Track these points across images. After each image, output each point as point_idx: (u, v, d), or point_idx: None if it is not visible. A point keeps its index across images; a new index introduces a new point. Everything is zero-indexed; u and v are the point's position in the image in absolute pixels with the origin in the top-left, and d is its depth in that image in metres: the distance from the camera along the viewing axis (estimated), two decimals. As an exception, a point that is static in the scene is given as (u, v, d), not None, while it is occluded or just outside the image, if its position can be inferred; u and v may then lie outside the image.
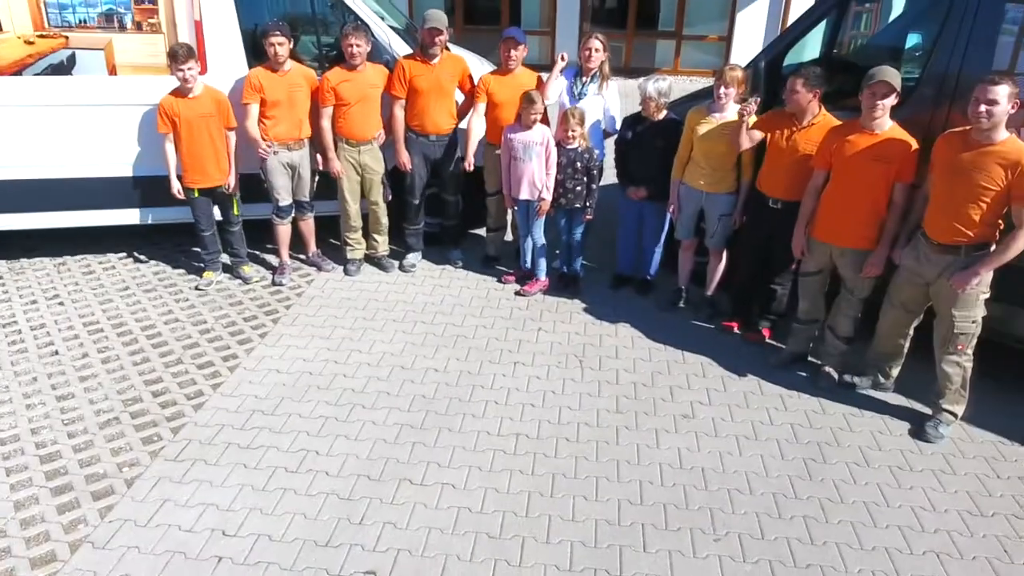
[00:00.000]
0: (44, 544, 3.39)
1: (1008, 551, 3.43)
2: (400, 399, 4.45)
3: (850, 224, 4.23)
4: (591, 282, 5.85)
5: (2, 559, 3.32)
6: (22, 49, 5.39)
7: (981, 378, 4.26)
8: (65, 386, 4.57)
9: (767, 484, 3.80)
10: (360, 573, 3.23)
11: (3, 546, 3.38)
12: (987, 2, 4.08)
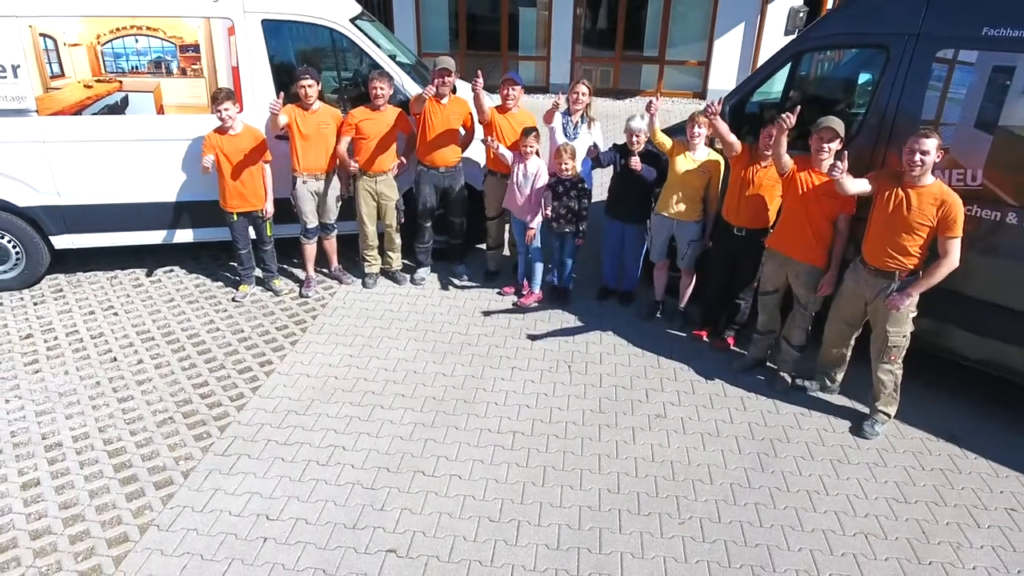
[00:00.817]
0: (117, 527, 3.76)
1: (925, 532, 3.80)
2: (414, 400, 4.81)
3: (800, 241, 4.58)
4: (579, 294, 6.19)
5: (82, 539, 3.68)
6: (82, 92, 5.73)
7: (913, 382, 4.63)
8: (124, 389, 4.93)
9: (725, 475, 4.17)
10: (382, 551, 3.60)
11: (82, 528, 3.75)
12: (917, 60, 4.41)
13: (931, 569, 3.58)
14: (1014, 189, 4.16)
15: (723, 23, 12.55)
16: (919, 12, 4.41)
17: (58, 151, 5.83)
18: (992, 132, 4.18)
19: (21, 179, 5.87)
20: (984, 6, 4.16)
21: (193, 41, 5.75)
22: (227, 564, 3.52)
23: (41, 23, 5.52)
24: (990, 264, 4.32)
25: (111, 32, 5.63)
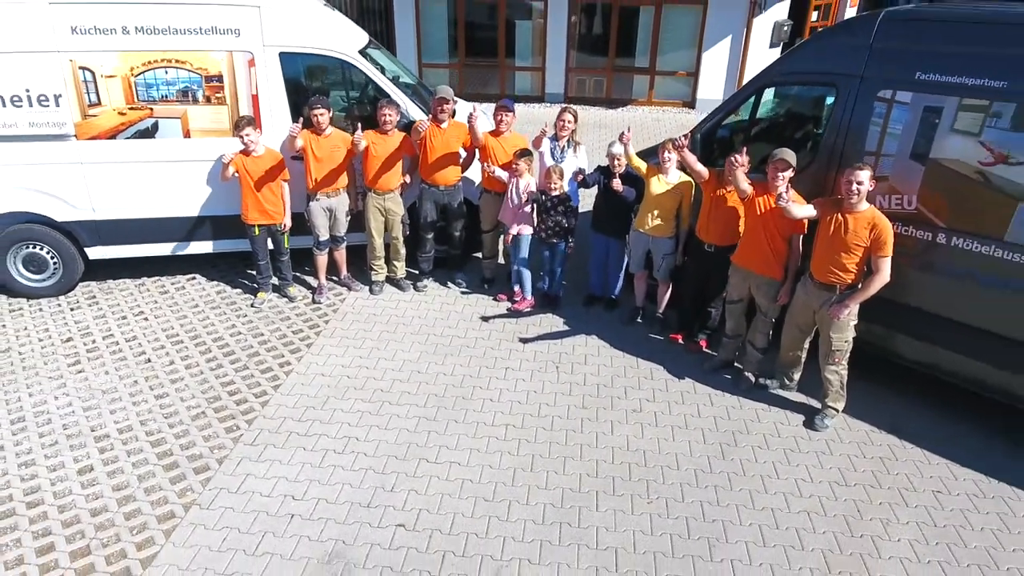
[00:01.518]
0: (164, 505, 4.40)
1: (860, 511, 4.44)
2: (418, 397, 5.45)
3: (760, 257, 5.20)
4: (568, 301, 6.82)
5: (135, 516, 4.32)
6: (116, 119, 6.36)
7: (862, 381, 5.27)
8: (160, 387, 5.57)
9: (690, 462, 4.81)
10: (393, 526, 4.24)
11: (135, 507, 4.39)
12: (861, 99, 5.05)
13: (862, 541, 4.22)
14: (943, 213, 4.79)
15: (711, 36, 13.17)
16: (863, 56, 5.04)
17: (94, 171, 6.45)
18: (924, 163, 4.82)
19: (60, 197, 6.50)
20: (917, 53, 4.80)
21: (217, 72, 6.38)
22: (260, 536, 4.17)
23: (81, 57, 6.14)
24: (925, 277, 4.95)
25: (143, 65, 6.26)
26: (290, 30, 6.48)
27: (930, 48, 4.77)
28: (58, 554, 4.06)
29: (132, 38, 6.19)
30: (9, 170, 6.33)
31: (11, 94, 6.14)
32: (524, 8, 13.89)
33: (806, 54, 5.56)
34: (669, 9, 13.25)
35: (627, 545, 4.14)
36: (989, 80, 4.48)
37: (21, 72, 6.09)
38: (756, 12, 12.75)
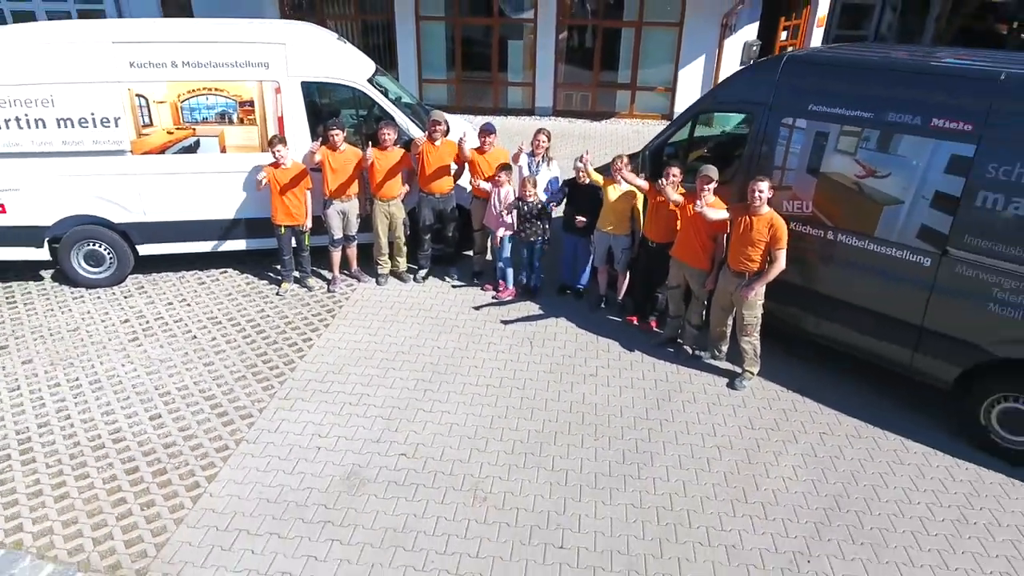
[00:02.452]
0: (218, 441, 5.77)
1: (759, 446, 5.80)
2: (416, 365, 6.81)
3: (691, 252, 6.57)
4: (544, 290, 8.18)
5: (197, 449, 5.68)
6: (165, 137, 7.75)
7: (775, 351, 6.63)
8: (206, 357, 6.94)
9: (631, 412, 6.17)
10: (396, 455, 5.61)
11: (197, 442, 5.75)
12: (770, 124, 6.41)
13: (756, 466, 5.58)
14: (832, 215, 6.16)
15: (686, 55, 14.57)
16: (771, 90, 6.42)
17: (146, 181, 7.85)
18: (817, 176, 6.19)
19: (117, 202, 7.89)
20: (809, 89, 6.18)
21: (249, 98, 7.78)
22: (295, 461, 5.53)
23: (137, 86, 7.54)
24: (820, 266, 6.32)
25: (188, 92, 7.66)
26: (310, 63, 7.88)
27: (819, 85, 6.15)
28: (143, 473, 5.43)
29: (179, 71, 7.58)
30: (76, 180, 7.72)
31: (79, 116, 7.55)
32: (516, 29, 15.31)
33: (730, 87, 6.96)
34: (648, 30, 14.67)
35: (575, 468, 5.51)
36: (860, 112, 5.85)
37: (88, 99, 7.49)
38: (727, 34, 14.15)
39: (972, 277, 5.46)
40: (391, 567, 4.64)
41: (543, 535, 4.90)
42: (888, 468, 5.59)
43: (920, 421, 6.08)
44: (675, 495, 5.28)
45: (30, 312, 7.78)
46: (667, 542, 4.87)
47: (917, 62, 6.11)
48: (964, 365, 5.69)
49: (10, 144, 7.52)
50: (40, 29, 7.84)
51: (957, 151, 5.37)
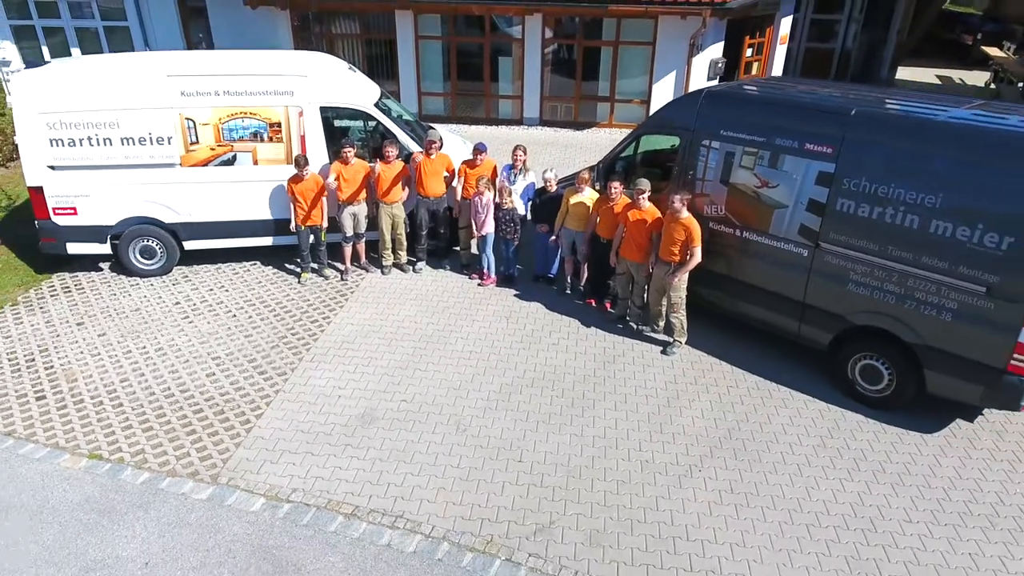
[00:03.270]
0: (263, 390, 7.60)
1: (678, 395, 7.61)
2: (415, 336, 8.63)
3: (632, 248, 8.39)
4: (520, 279, 10.00)
5: (247, 395, 7.52)
6: (208, 152, 9.58)
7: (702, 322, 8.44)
8: (246, 331, 8.78)
9: (583, 370, 7.99)
10: (398, 400, 7.43)
11: (245, 391, 7.59)
12: (693, 145, 8.22)
13: (672, 409, 7.39)
14: (739, 217, 7.97)
15: (659, 71, 16.36)
16: (693, 117, 8.24)
17: (192, 188, 9.67)
18: (727, 186, 8.00)
19: (167, 206, 9.72)
20: (721, 117, 7.99)
21: (277, 120, 9.60)
22: (321, 405, 7.36)
23: (186, 111, 9.37)
24: (733, 257, 8.12)
25: (228, 116, 9.49)
26: (327, 91, 9.71)
27: (727, 115, 7.97)
28: (206, 413, 7.27)
29: (221, 98, 9.42)
30: (134, 187, 9.55)
31: (139, 136, 9.38)
32: (506, 47, 17.12)
33: (664, 114, 8.79)
34: (624, 49, 16.46)
35: (535, 409, 7.33)
36: (757, 136, 7.67)
37: (147, 121, 9.33)
38: (694, 52, 15.93)
39: (836, 264, 7.27)
40: (394, 474, 6.47)
41: (506, 454, 6.73)
42: (774, 411, 7.41)
43: (805, 376, 7.89)
44: (608, 428, 7.11)
45: (97, 296, 9.63)
46: (597, 458, 6.69)
47: (795, 98, 7.95)
48: (834, 331, 7.51)
49: (83, 159, 9.35)
50: (108, 63, 9.72)
51: (823, 168, 7.19)
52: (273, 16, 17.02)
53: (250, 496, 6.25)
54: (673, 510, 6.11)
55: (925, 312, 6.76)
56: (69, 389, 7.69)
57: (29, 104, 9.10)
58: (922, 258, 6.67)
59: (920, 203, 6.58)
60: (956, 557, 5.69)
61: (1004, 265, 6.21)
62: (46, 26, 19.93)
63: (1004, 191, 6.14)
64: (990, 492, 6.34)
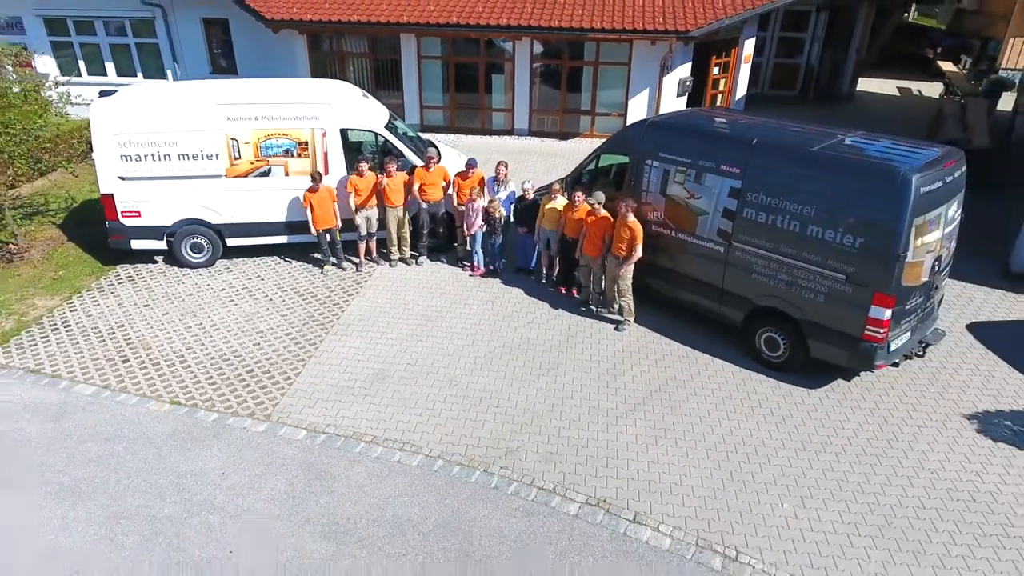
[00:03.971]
0: (300, 355, 9.80)
1: (624, 362, 9.80)
2: (420, 317, 10.82)
3: (590, 246, 10.57)
4: (504, 271, 12.19)
5: (287, 358, 9.73)
6: (248, 166, 11.76)
7: (649, 306, 10.63)
8: (281, 312, 10.98)
9: (551, 344, 10.18)
10: (405, 364, 9.64)
11: (285, 356, 9.79)
12: (639, 164, 10.41)
13: (617, 371, 9.58)
14: (673, 221, 10.15)
15: (634, 87, 18.52)
16: (638, 142, 10.43)
17: (234, 195, 11.86)
18: (665, 197, 10.19)
19: (214, 209, 11.92)
20: (659, 142, 10.18)
21: (305, 140, 11.79)
22: (345, 366, 9.56)
23: (231, 132, 11.55)
24: (671, 253, 10.31)
25: (265, 136, 11.68)
26: (345, 116, 11.91)
27: (664, 141, 10.14)
28: (255, 371, 9.47)
29: (259, 122, 11.61)
30: (187, 194, 11.75)
31: (193, 152, 11.57)
32: (498, 67, 19.29)
33: (617, 139, 10.98)
34: (604, 68, 18.64)
35: (512, 370, 9.53)
36: (685, 158, 9.85)
37: (199, 141, 11.51)
38: (665, 72, 18.11)
39: (744, 259, 9.45)
40: (402, 415, 8.67)
41: (487, 401, 8.93)
42: (696, 372, 9.60)
43: (723, 346, 10.05)
44: (566, 384, 9.30)
45: (156, 284, 11.84)
46: (556, 405, 8.89)
47: (714, 129, 10.16)
48: (745, 311, 9.69)
49: (146, 171, 11.55)
50: (169, 92, 11.94)
51: (733, 184, 9.36)
52: (291, 36, 19.18)
53: (295, 429, 8.46)
54: (609, 440, 8.31)
55: (806, 295, 8.95)
56: (146, 355, 9.90)
57: (105, 126, 11.30)
58: (802, 253, 8.84)
59: (800, 212, 8.76)
60: (813, 471, 7.87)
61: (857, 259, 8.39)
62: (83, 42, 22.06)
63: (855, 205, 8.32)
64: (848, 431, 8.52)
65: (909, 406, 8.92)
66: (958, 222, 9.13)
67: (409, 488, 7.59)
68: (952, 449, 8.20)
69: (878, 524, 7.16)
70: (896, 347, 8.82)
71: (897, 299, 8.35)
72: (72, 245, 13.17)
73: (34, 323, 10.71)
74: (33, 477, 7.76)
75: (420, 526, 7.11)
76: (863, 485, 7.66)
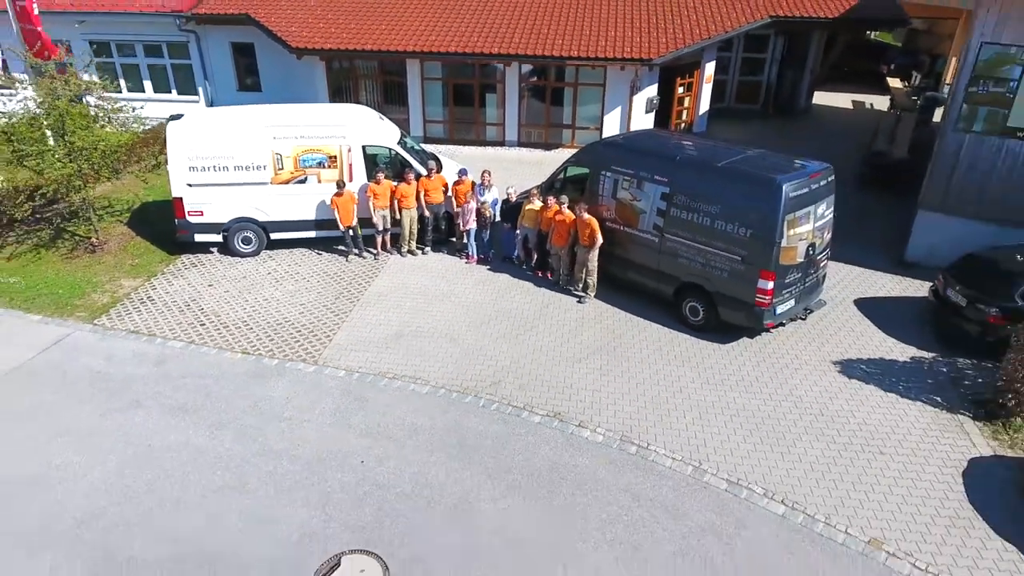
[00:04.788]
0: (333, 322, 13.04)
1: (581, 326, 13.03)
2: (424, 293, 14.06)
3: (559, 240, 13.82)
4: (495, 260, 15.43)
5: (322, 324, 12.97)
6: (289, 175, 15.01)
7: (607, 287, 13.88)
8: (317, 291, 14.21)
9: (528, 311, 13.42)
10: (416, 325, 12.88)
11: (322, 322, 13.04)
12: (595, 174, 13.65)
13: (576, 332, 12.81)
14: (622, 219, 13.39)
15: (608, 105, 21.76)
16: (595, 157, 13.70)
17: (277, 199, 15.11)
18: (615, 200, 13.43)
19: (261, 209, 15.17)
20: (609, 157, 13.44)
21: (334, 154, 15.03)
22: (370, 329, 12.80)
23: (276, 149, 14.80)
24: (623, 245, 13.54)
25: (303, 151, 14.93)
26: (366, 134, 15.18)
27: (613, 156, 13.41)
28: (302, 332, 12.71)
29: (298, 140, 14.86)
30: (241, 198, 15.00)
31: (245, 164, 14.81)
32: (491, 86, 22.55)
33: (580, 154, 14.24)
34: (582, 88, 21.88)
35: (498, 332, 12.77)
36: (629, 169, 13.10)
37: (251, 155, 14.76)
38: (634, 91, 21.35)
39: (673, 246, 12.68)
40: (414, 360, 11.90)
41: (479, 353, 12.16)
42: (637, 332, 12.83)
43: (660, 314, 13.27)
44: (538, 340, 12.52)
45: (214, 269, 15.09)
46: (529, 355, 12.10)
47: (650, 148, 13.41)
48: (674, 286, 12.93)
49: (208, 179, 14.78)
50: (227, 115, 15.23)
51: (663, 190, 12.59)
52: (311, 60, 22.42)
53: (336, 370, 11.69)
54: (566, 376, 11.53)
55: (716, 273, 12.18)
56: (218, 320, 13.14)
57: (177, 143, 14.55)
58: (712, 241, 12.07)
59: (710, 211, 11.99)
60: (711, 397, 11.08)
61: (748, 245, 11.62)
62: (124, 63, 25.33)
63: (745, 205, 11.55)
64: (743, 372, 11.73)
65: (792, 355, 12.16)
66: (830, 219, 12.36)
67: (421, 406, 10.82)
68: (815, 383, 11.43)
69: (751, 428, 10.39)
70: (781, 311, 12.05)
71: (777, 274, 11.58)
72: (140, 239, 16.41)
73: (125, 298, 13.95)
74: (152, 400, 10.98)
75: (429, 429, 10.34)
76: (746, 405, 10.89)
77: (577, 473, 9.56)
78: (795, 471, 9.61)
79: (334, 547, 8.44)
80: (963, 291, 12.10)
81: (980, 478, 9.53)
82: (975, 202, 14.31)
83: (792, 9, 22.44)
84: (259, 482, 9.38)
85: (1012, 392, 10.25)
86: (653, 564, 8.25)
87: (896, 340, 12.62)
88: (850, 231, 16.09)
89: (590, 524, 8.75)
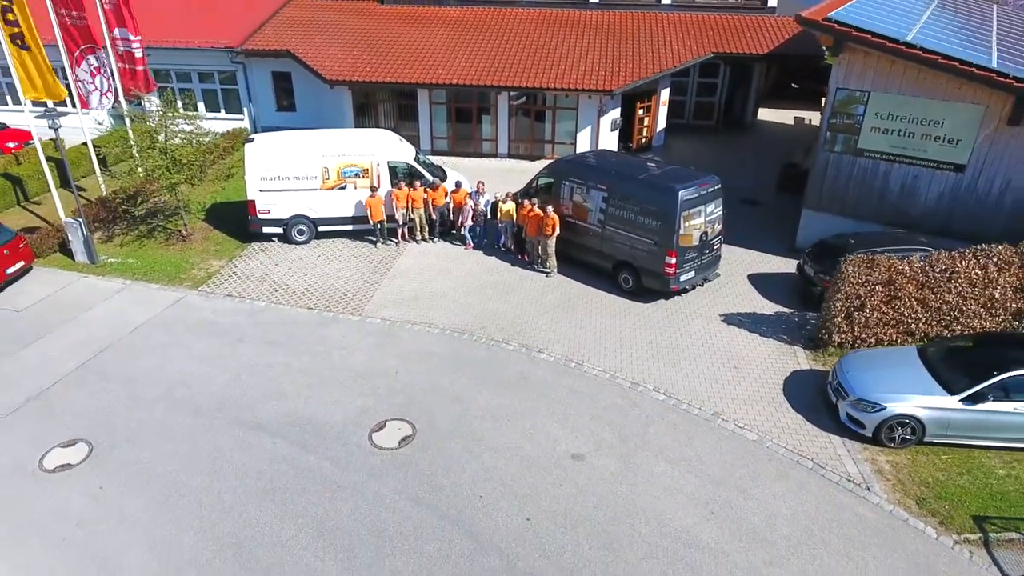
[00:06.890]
0: (368, 290, 18.55)
1: (545, 292, 18.48)
2: (434, 270, 19.51)
3: (532, 231, 19.27)
4: (487, 247, 20.87)
5: (371, 289, 18.44)
6: (334, 183, 20.48)
7: (567, 265, 19.33)
8: (355, 268, 19.69)
9: (508, 284, 18.86)
10: (429, 292, 18.35)
11: (358, 290, 18.52)
12: (558, 183, 19.11)
13: (542, 296, 18.24)
14: (577, 214, 18.83)
15: (580, 125, 27.18)
16: (559, 170, 19.17)
17: (324, 201, 20.61)
18: (572, 201, 18.87)
19: (312, 208, 20.68)
20: (567, 171, 18.92)
21: (366, 168, 20.52)
22: (397, 293, 18.27)
23: (324, 164, 20.30)
24: (578, 234, 18.97)
25: (344, 166, 20.42)
26: (390, 153, 20.70)
27: (570, 170, 18.89)
28: (347, 295, 18.21)
29: (340, 158, 20.37)
30: (298, 200, 20.51)
31: (302, 175, 20.32)
32: (487, 109, 28.03)
33: (547, 168, 19.69)
34: (559, 111, 27.35)
35: (487, 296, 18.21)
36: (580, 180, 18.55)
37: (306, 169, 20.27)
38: (601, 114, 26.78)
39: (610, 234, 18.12)
40: (429, 312, 17.37)
41: (473, 308, 17.61)
42: (585, 296, 18.27)
43: (603, 284, 18.67)
44: (516, 301, 17.99)
45: (277, 254, 20.59)
46: (509, 311, 17.56)
47: (595, 164, 18.89)
48: (612, 263, 18.40)
49: (274, 186, 20.27)
50: (289, 139, 20.76)
51: (604, 195, 18.04)
52: (341, 88, 27.90)
53: (374, 319, 17.16)
54: (534, 324, 16.96)
55: (639, 253, 17.62)
56: (286, 287, 18.61)
57: (252, 159, 20.07)
58: (636, 231, 17.51)
59: (634, 209, 17.43)
60: (630, 336, 16.51)
61: (658, 233, 17.05)
62: (182, 87, 30.83)
63: (654, 205, 17.00)
64: (654, 320, 17.15)
65: (691, 309, 17.62)
66: (719, 215, 17.78)
67: (434, 340, 16.30)
68: (703, 327, 16.88)
69: (652, 353, 15.84)
70: (684, 279, 17.49)
71: (678, 253, 17.02)
72: (218, 232, 21.89)
73: (216, 273, 19.44)
74: (251, 338, 16.46)
75: (438, 354, 15.81)
76: (653, 341, 16.35)
77: (537, 380, 15.00)
78: (675, 376, 15.06)
79: (381, 416, 13.90)
80: (812, 265, 17.55)
81: (794, 383, 14.95)
82: (840, 203, 19.72)
83: (731, 47, 27.88)
84: (332, 383, 14.86)
85: (824, 329, 15.69)
86: (576, 423, 13.70)
87: (769, 301, 18.06)
88: (763, 225, 21.60)
89: (540, 405, 14.20)
